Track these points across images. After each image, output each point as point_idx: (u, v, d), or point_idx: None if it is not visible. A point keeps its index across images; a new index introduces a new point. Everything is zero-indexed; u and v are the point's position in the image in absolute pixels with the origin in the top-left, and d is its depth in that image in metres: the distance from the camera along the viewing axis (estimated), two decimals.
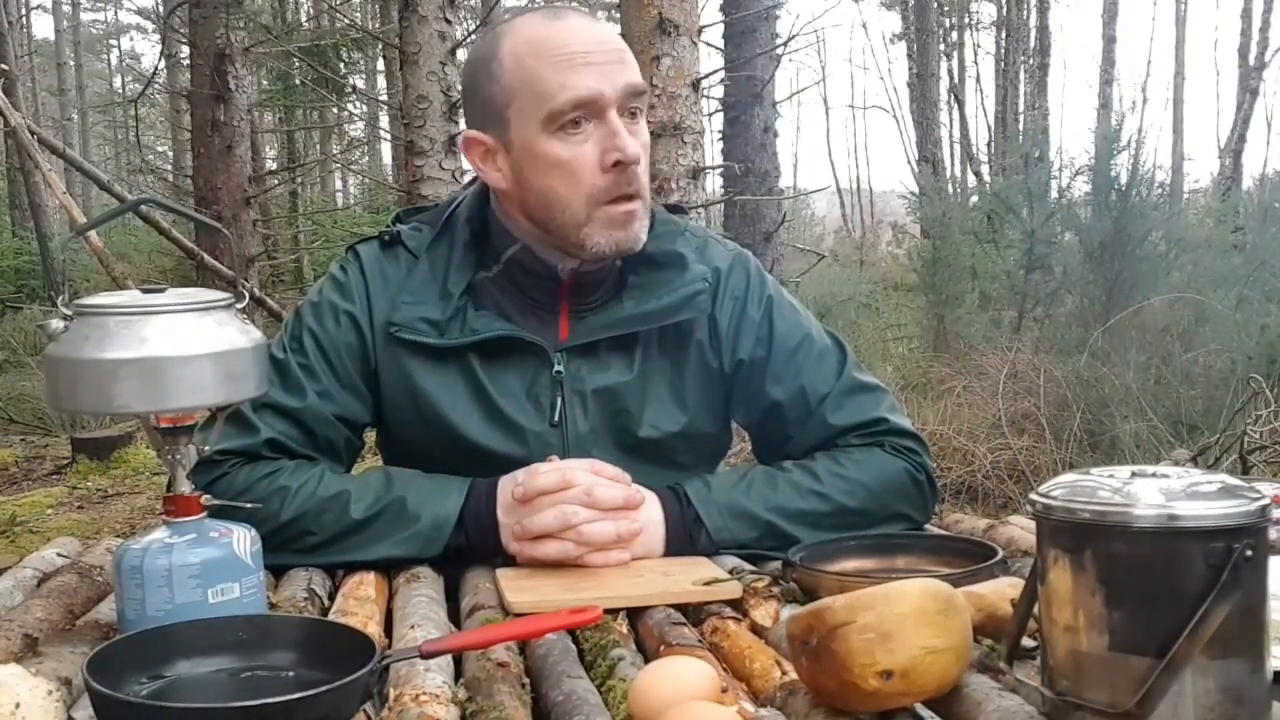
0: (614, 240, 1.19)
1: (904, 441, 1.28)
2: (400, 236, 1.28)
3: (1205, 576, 0.68)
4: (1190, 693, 0.68)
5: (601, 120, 1.16)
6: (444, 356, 1.22)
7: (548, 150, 1.16)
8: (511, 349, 1.23)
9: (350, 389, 1.23)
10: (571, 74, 1.14)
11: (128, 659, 0.80)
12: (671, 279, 1.25)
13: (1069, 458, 4.31)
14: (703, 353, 1.28)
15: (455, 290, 1.23)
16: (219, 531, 0.94)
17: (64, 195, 3.07)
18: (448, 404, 1.22)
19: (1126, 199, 6.04)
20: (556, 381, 1.23)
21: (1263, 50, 15.68)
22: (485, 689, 0.81)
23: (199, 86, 7.03)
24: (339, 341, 1.23)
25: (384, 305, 1.24)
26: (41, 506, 4.69)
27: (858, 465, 1.24)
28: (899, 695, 0.75)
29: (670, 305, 1.24)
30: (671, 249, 1.26)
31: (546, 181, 1.18)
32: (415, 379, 1.23)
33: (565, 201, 1.18)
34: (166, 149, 17.81)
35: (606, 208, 1.17)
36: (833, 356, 1.30)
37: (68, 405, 0.92)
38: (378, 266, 1.26)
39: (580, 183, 1.17)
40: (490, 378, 1.22)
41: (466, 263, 1.24)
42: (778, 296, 1.33)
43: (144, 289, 0.93)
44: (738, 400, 1.31)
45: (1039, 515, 0.75)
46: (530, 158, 1.18)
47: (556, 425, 1.23)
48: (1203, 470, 0.77)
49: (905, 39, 18.06)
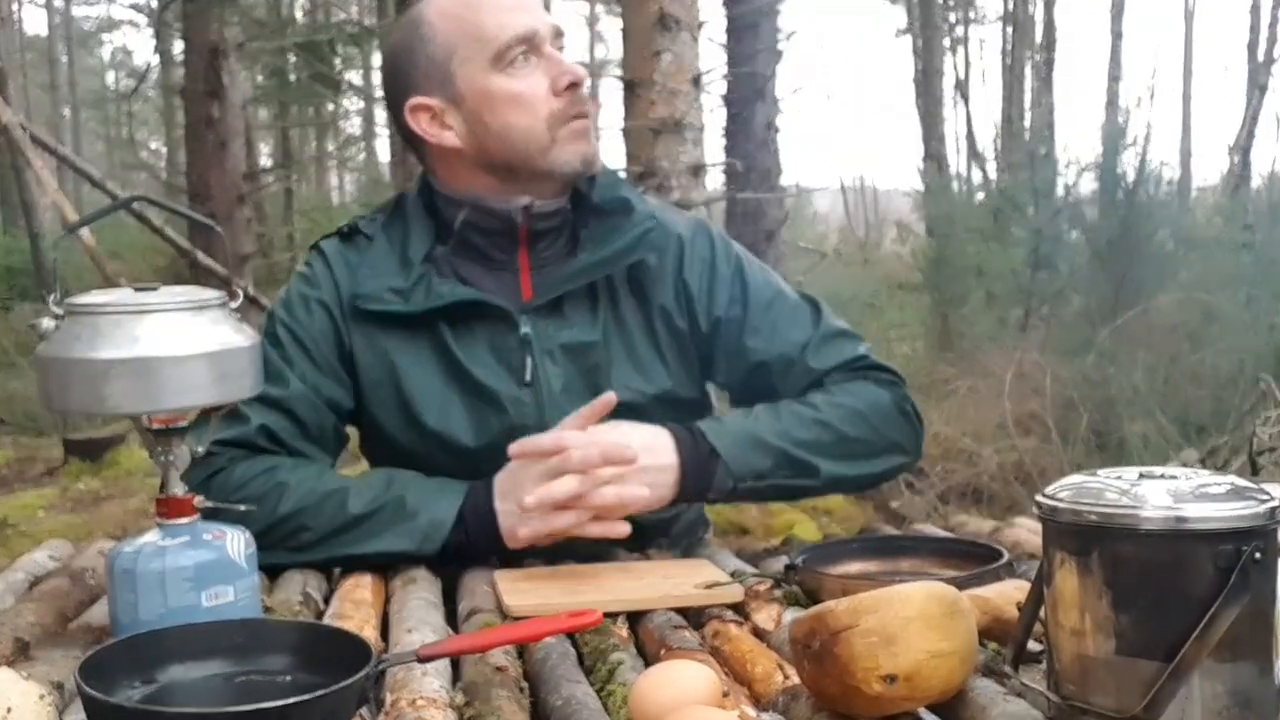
0: (579, 153, 1.26)
1: (886, 375, 1.33)
2: (357, 227, 1.33)
3: (1214, 579, 0.67)
4: (1198, 697, 0.68)
5: (540, 55, 1.24)
6: (414, 329, 1.26)
7: (501, 87, 1.23)
8: (477, 314, 1.26)
9: (330, 373, 1.27)
10: (507, 14, 1.23)
11: (120, 663, 0.79)
12: (621, 223, 1.30)
13: (1076, 459, 4.30)
14: (671, 318, 1.31)
15: (416, 258, 1.27)
16: (212, 534, 0.93)
17: (56, 193, 3.07)
18: (421, 379, 1.25)
19: (1134, 197, 6.02)
20: (525, 342, 1.26)
21: (1271, 46, 15.65)
22: (483, 693, 0.81)
23: (193, 83, 7.04)
24: (313, 329, 1.27)
25: (349, 286, 1.28)
26: (33, 508, 4.70)
27: (850, 395, 1.28)
28: (903, 700, 0.75)
29: (624, 248, 1.28)
30: (616, 195, 1.31)
31: (505, 118, 1.24)
32: (389, 355, 1.26)
33: (527, 131, 1.24)
34: (160, 146, 17.87)
35: (567, 125, 1.24)
36: (806, 309, 1.35)
37: (59, 405, 0.92)
38: (340, 256, 1.30)
39: (538, 110, 1.24)
40: (460, 346, 1.26)
41: (424, 232, 1.29)
42: (745, 256, 1.38)
43: (136, 287, 0.93)
44: (719, 360, 1.33)
45: (1045, 517, 0.74)
46: (485, 100, 1.24)
47: (529, 384, 1.26)
48: (1211, 472, 0.76)
49: (910, 34, 18.04)
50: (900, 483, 4.44)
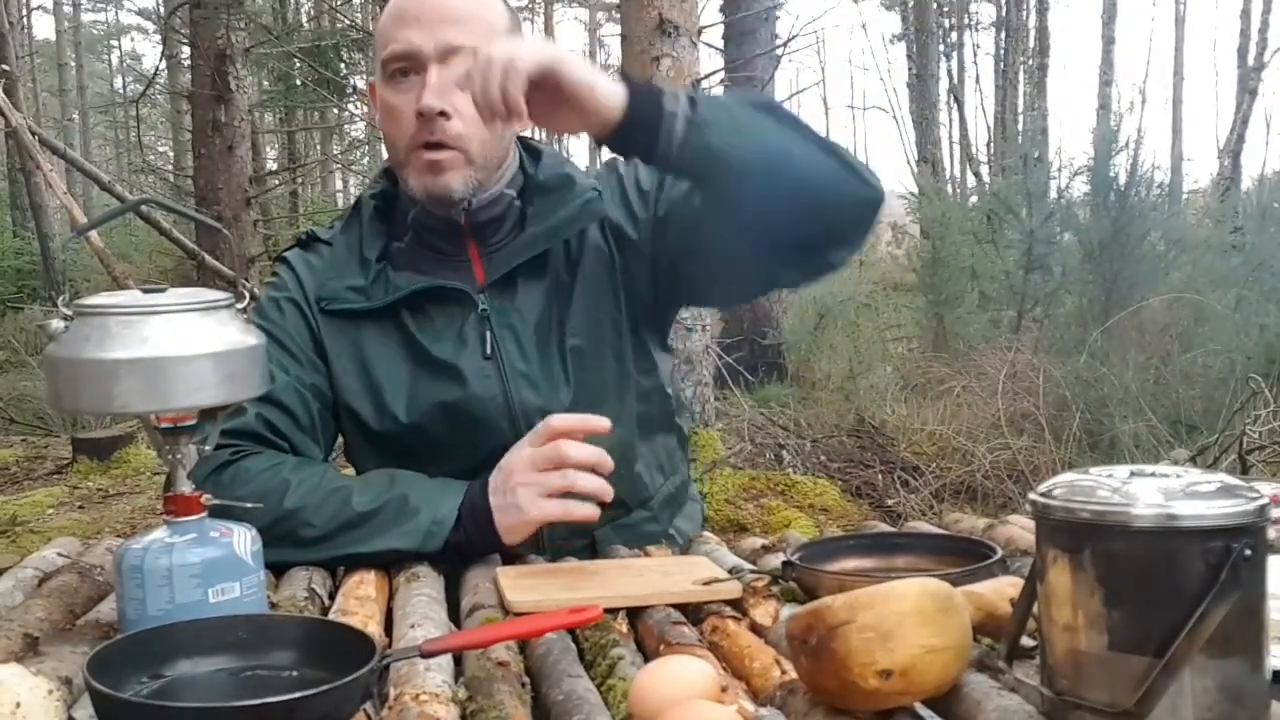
0: (423, 185, 1.28)
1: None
2: (314, 234, 1.40)
3: (1204, 576, 0.68)
4: (1189, 692, 0.68)
5: (421, 74, 1.25)
6: (378, 319, 1.31)
7: (384, 95, 1.29)
8: (435, 299, 1.31)
9: (309, 365, 1.32)
10: (400, 28, 1.26)
11: (128, 659, 0.80)
12: (564, 196, 1.33)
13: (1068, 457, 4.31)
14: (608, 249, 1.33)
15: (372, 256, 1.33)
16: (219, 531, 0.94)
17: (65, 195, 3.07)
18: (388, 366, 1.30)
19: (1125, 199, 6.04)
20: (483, 318, 1.31)
21: (1261, 51, 15.69)
22: (485, 688, 0.81)
23: (200, 87, 7.02)
24: (287, 326, 1.32)
25: (314, 287, 1.34)
26: (42, 506, 4.68)
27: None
28: (898, 694, 0.75)
29: (568, 216, 1.32)
30: (560, 172, 1.35)
31: (384, 125, 1.31)
32: (357, 346, 1.32)
33: (393, 144, 1.30)
34: (167, 149, 17.79)
35: (417, 153, 1.27)
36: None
37: (68, 405, 0.92)
38: (303, 260, 1.37)
39: (401, 129, 1.28)
40: (421, 331, 1.31)
41: (377, 231, 1.35)
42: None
43: (145, 289, 0.93)
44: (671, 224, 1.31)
45: (1038, 515, 0.75)
46: (379, 101, 1.30)
47: (490, 358, 1.30)
48: (1202, 470, 0.77)
49: (905, 39, 18.05)
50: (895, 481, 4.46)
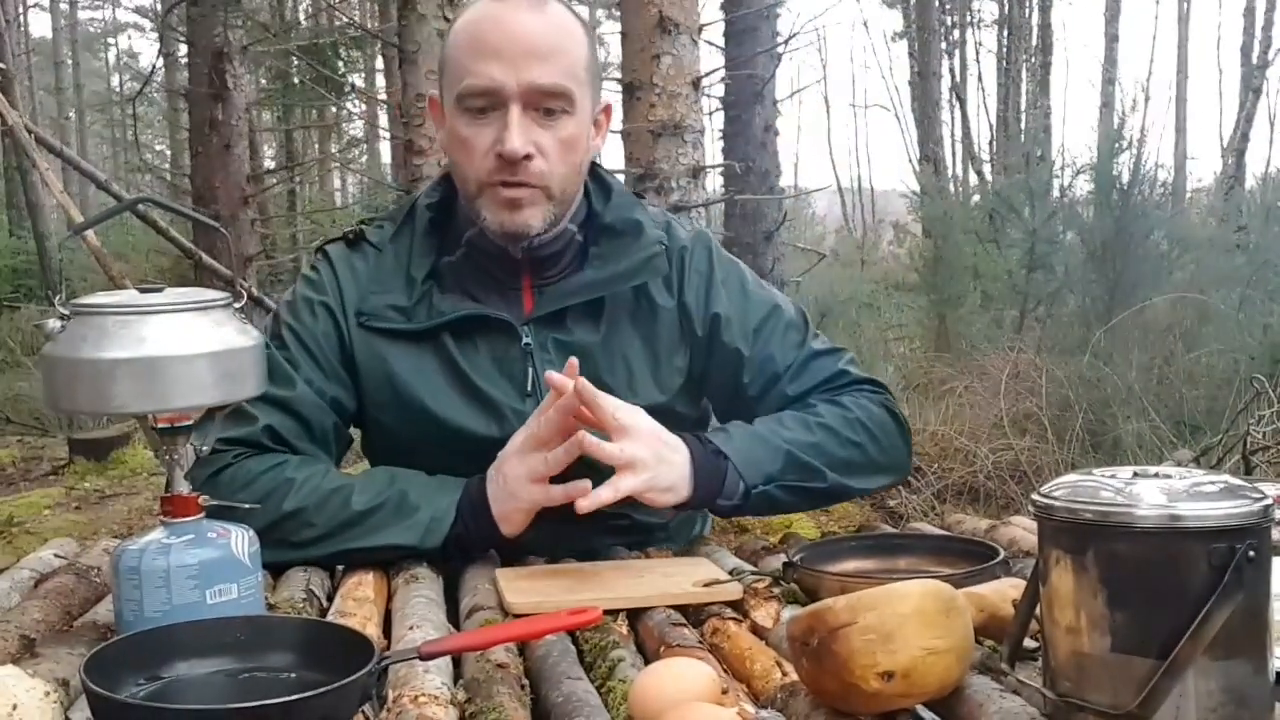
0: (499, 221, 1.25)
1: (871, 387, 1.34)
2: (364, 234, 1.34)
3: (1208, 577, 0.68)
4: (1193, 694, 0.68)
5: (502, 110, 1.22)
6: (417, 339, 1.28)
7: (456, 125, 1.26)
8: (481, 327, 1.28)
9: (333, 376, 1.28)
10: (481, 63, 1.22)
11: (125, 660, 0.80)
12: (629, 244, 1.31)
13: (1071, 458, 4.31)
14: (674, 330, 1.32)
15: (419, 275, 1.28)
16: (217, 532, 0.94)
17: (61, 194, 3.07)
18: (422, 385, 1.27)
19: (1129, 198, 6.04)
20: (526, 353, 1.28)
21: (1266, 49, 15.67)
22: (484, 690, 0.81)
23: (197, 85, 7.03)
24: (317, 332, 1.28)
25: (354, 296, 1.30)
26: (39, 507, 4.69)
27: (849, 404, 1.30)
28: (900, 696, 0.75)
29: (629, 268, 1.30)
30: (629, 217, 1.32)
31: (454, 153, 1.28)
32: (390, 363, 1.28)
33: (464, 176, 1.27)
34: (164, 148, 17.84)
35: (494, 189, 1.24)
36: (797, 327, 1.36)
37: (65, 405, 0.92)
38: (346, 262, 1.31)
39: (475, 163, 1.24)
40: (464, 356, 1.27)
41: (428, 247, 1.30)
42: (744, 270, 1.40)
43: (142, 288, 0.93)
44: (714, 360, 1.34)
45: (1041, 516, 0.75)
46: (449, 128, 1.27)
47: (530, 395, 1.27)
48: (1205, 471, 0.77)
49: (907, 37, 18.05)
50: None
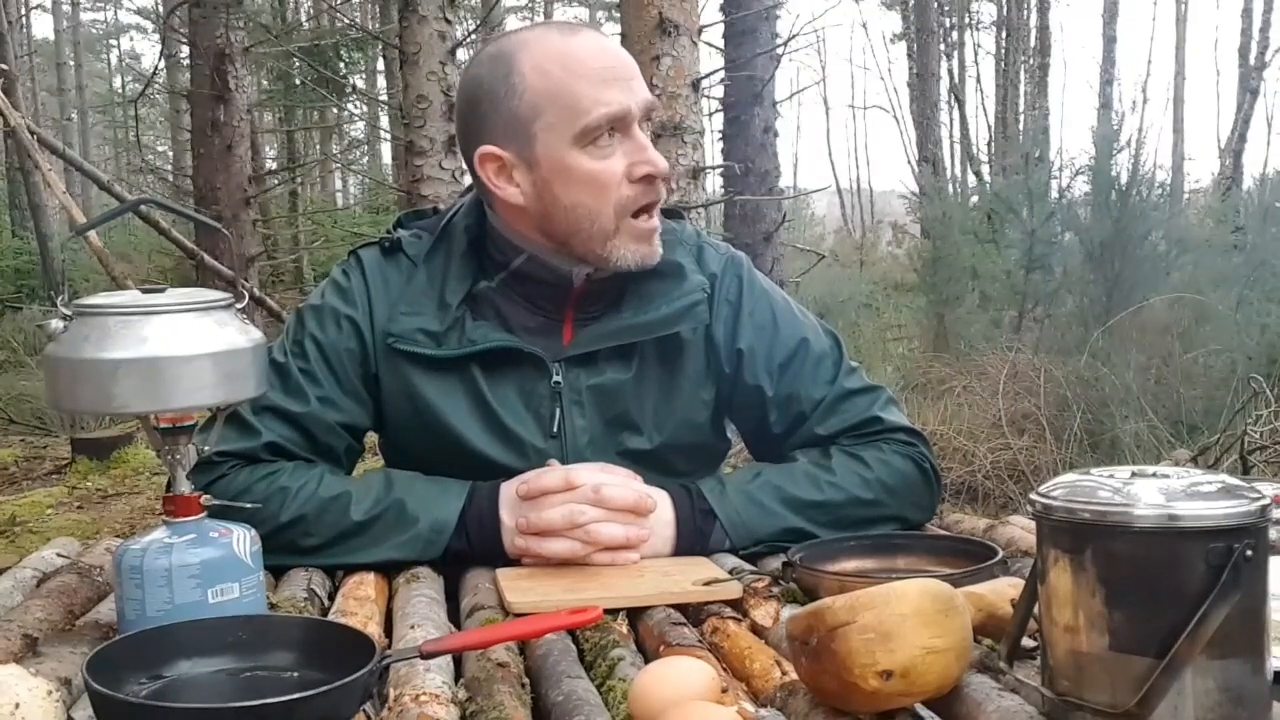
0: (639, 254, 1.21)
1: (904, 437, 1.29)
2: (401, 244, 1.29)
3: (1205, 577, 0.68)
4: (1190, 693, 0.69)
5: (626, 134, 1.18)
6: (444, 365, 1.23)
7: (578, 164, 1.18)
8: (510, 359, 1.23)
9: (352, 394, 1.24)
10: (604, 89, 1.16)
11: (127, 659, 0.80)
12: (670, 289, 1.26)
13: (1069, 458, 4.31)
14: (699, 359, 1.29)
15: (453, 301, 1.23)
16: (219, 532, 0.94)
17: (64, 195, 3.07)
18: (448, 412, 1.23)
19: (1127, 199, 6.05)
20: (555, 392, 1.24)
21: (1263, 50, 15.69)
22: (485, 689, 0.81)
23: (199, 86, 7.05)
24: (340, 347, 1.24)
25: (384, 313, 1.24)
26: (41, 507, 4.70)
27: (871, 460, 1.25)
28: (899, 695, 0.75)
29: (669, 315, 1.25)
30: (671, 259, 1.27)
31: (576, 196, 1.19)
32: (415, 386, 1.23)
33: (594, 214, 1.19)
34: (166, 149, 17.85)
35: (632, 221, 1.20)
36: (829, 361, 1.31)
37: (67, 405, 0.92)
38: (379, 273, 1.27)
39: (608, 195, 1.18)
40: (491, 388, 1.23)
41: (465, 272, 1.25)
42: (774, 294, 1.34)
43: (144, 289, 0.93)
44: (737, 396, 1.31)
45: (1039, 515, 0.75)
46: (560, 172, 1.18)
47: (555, 436, 1.24)
48: (1203, 470, 0.77)
49: (905, 39, 18.06)
50: None
